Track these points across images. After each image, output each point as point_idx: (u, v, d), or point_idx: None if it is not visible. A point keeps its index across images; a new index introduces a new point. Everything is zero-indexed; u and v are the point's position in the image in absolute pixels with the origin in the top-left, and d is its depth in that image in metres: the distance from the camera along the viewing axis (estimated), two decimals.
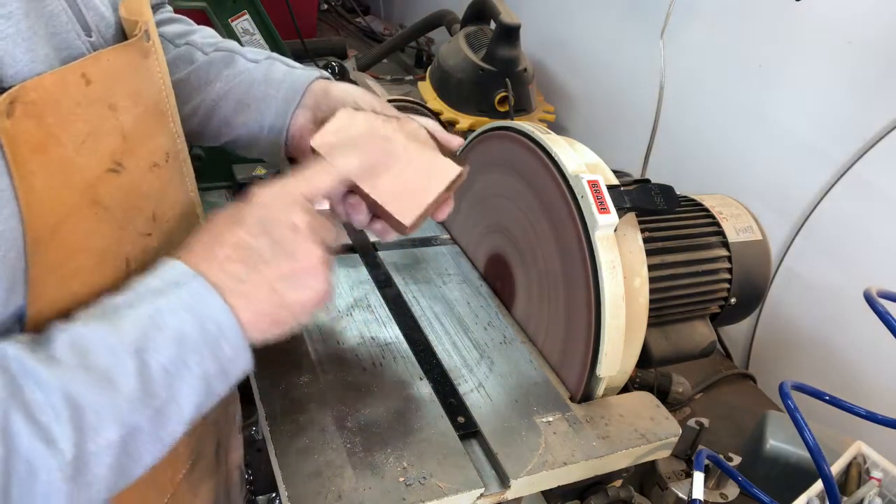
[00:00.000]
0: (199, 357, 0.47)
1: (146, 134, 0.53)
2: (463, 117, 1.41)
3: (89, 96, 0.46)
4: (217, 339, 0.48)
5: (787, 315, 1.21)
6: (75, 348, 0.43)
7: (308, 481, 0.59)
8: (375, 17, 2.43)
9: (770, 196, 1.19)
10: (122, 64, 0.50)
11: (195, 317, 0.47)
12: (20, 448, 0.39)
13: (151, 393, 0.45)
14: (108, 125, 0.48)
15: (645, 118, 1.22)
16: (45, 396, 0.41)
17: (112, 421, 0.43)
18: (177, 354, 0.46)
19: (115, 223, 0.50)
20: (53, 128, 0.44)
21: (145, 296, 0.47)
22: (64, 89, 0.44)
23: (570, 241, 0.73)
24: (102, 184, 0.48)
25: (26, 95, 0.42)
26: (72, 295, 0.47)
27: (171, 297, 0.47)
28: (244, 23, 1.49)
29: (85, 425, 0.42)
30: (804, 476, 0.79)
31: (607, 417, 0.72)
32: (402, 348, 0.77)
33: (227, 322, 0.48)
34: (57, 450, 0.40)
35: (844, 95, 1.09)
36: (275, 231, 0.52)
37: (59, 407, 0.41)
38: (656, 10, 1.21)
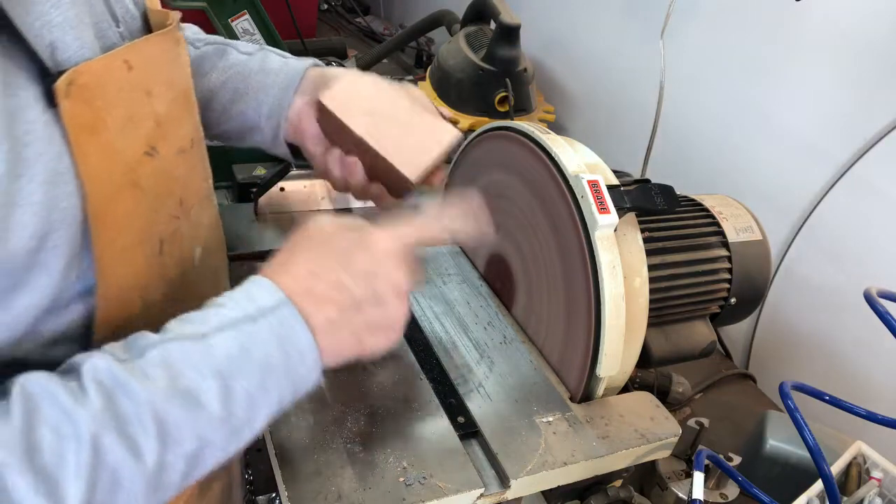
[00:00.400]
0: (279, 384, 0.49)
1: (176, 120, 0.55)
2: (463, 117, 1.41)
3: (130, 82, 0.49)
4: (297, 367, 0.50)
5: (787, 315, 1.21)
6: (167, 367, 0.45)
7: (308, 481, 0.59)
8: (375, 17, 2.43)
9: (770, 196, 1.19)
10: (159, 52, 0.53)
11: (282, 348, 0.49)
12: (108, 458, 0.41)
13: (232, 414, 0.47)
14: (145, 110, 0.51)
15: (645, 118, 1.22)
16: (136, 410, 0.43)
17: (192, 436, 0.45)
18: (260, 382, 0.48)
19: (151, 205, 0.52)
20: (101, 111, 0.46)
21: (239, 322, 0.48)
22: (109, 74, 0.47)
23: (570, 241, 0.73)
24: (140, 167, 0.50)
25: (79, 78, 0.44)
26: (121, 273, 0.50)
27: (261, 325, 0.48)
28: (244, 23, 1.49)
29: (168, 439, 0.44)
30: (804, 476, 0.79)
31: (607, 417, 0.72)
32: (402, 348, 0.77)
33: (310, 354, 0.50)
34: (142, 461, 0.43)
35: (844, 95, 1.09)
36: (378, 286, 0.53)
37: (146, 421, 0.43)
38: (656, 10, 1.21)
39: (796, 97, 1.16)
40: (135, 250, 0.51)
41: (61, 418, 0.41)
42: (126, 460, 0.42)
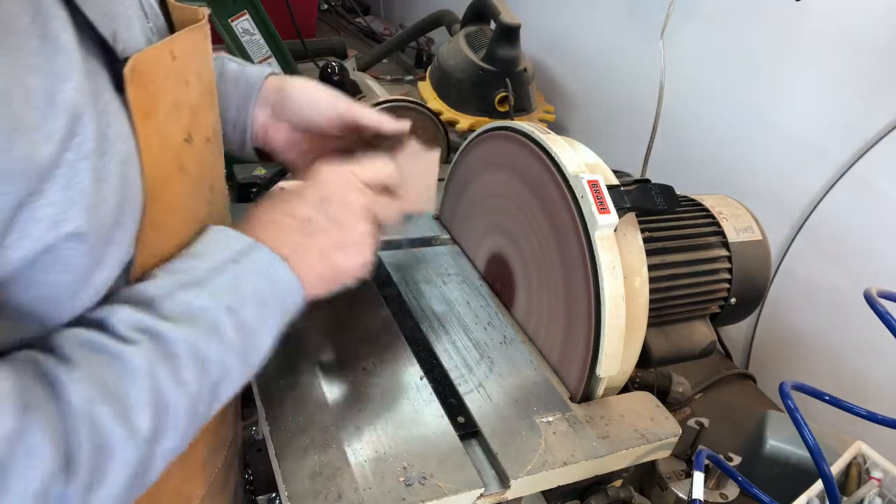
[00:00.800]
0: (273, 313, 0.56)
1: (204, 110, 0.58)
2: (463, 117, 1.41)
3: (175, 71, 0.52)
4: (285, 297, 0.56)
5: (787, 315, 1.21)
6: (185, 312, 0.50)
7: (308, 481, 0.59)
8: (375, 17, 2.43)
9: (770, 196, 1.19)
10: (195, 44, 0.56)
11: (269, 281, 0.55)
12: (162, 389, 0.47)
13: (244, 343, 0.53)
14: (184, 99, 0.54)
15: (645, 118, 1.22)
16: (171, 346, 0.48)
17: (218, 366, 0.51)
18: (260, 313, 0.54)
19: (193, 189, 0.56)
20: (154, 97, 0.50)
21: (225, 264, 0.54)
22: (159, 63, 0.50)
23: (570, 241, 0.73)
24: (183, 152, 0.54)
25: (138, 66, 0.47)
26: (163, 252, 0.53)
27: (244, 265, 0.54)
28: (244, 23, 1.49)
29: (205, 372, 0.50)
30: (804, 476, 0.79)
31: (607, 417, 0.72)
32: (402, 348, 0.77)
33: (294, 284, 0.57)
34: (187, 391, 0.49)
35: (844, 95, 1.09)
36: (331, 206, 0.61)
37: (186, 359, 0.49)
38: (656, 10, 1.21)
39: (796, 97, 1.16)
40: (182, 232, 0.55)
41: (119, 360, 0.46)
42: (175, 393, 0.48)
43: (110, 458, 0.44)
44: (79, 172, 0.42)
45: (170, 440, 0.49)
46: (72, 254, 0.44)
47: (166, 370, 0.48)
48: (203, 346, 0.50)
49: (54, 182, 0.41)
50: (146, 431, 0.46)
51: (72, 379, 0.43)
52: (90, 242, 0.44)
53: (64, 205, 0.42)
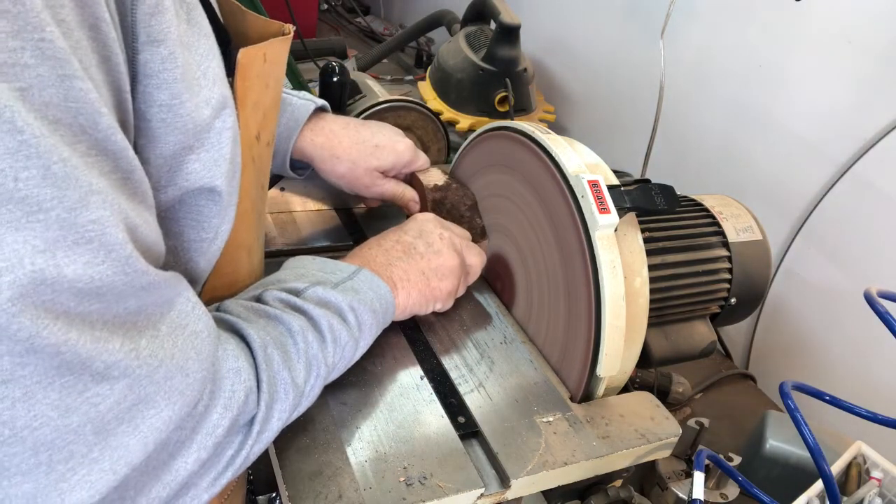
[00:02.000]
0: (376, 316, 0.67)
1: (273, 115, 0.64)
2: (463, 117, 1.41)
3: (263, 72, 0.58)
4: (387, 308, 0.69)
5: (787, 315, 1.21)
6: (321, 301, 0.61)
7: (308, 481, 0.59)
8: (375, 17, 2.43)
9: (770, 196, 1.19)
10: (281, 53, 0.62)
11: (378, 296, 0.67)
12: (312, 354, 0.58)
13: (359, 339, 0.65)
14: (263, 99, 0.60)
15: (645, 118, 1.22)
16: (321, 325, 0.59)
17: (343, 349, 0.62)
18: (372, 318, 0.66)
19: (258, 181, 0.63)
20: (245, 91, 0.56)
21: (344, 280, 0.65)
22: (253, 62, 0.56)
23: (570, 241, 0.73)
24: (253, 146, 0.60)
25: (242, 58, 0.54)
26: (237, 234, 0.58)
27: (357, 281, 0.66)
28: None
29: (337, 349, 0.61)
30: (804, 476, 0.79)
31: (607, 417, 0.72)
32: (402, 348, 0.77)
33: (390, 298, 0.69)
34: (326, 361, 0.60)
35: (844, 95, 1.09)
36: (428, 237, 0.76)
37: (327, 333, 0.60)
38: (656, 10, 1.21)
39: (796, 97, 1.16)
40: (249, 215, 0.62)
41: (281, 323, 0.57)
42: (319, 359, 0.58)
43: (277, 400, 0.54)
44: (223, 140, 0.49)
45: (306, 401, 0.59)
46: (203, 211, 0.51)
47: (314, 337, 0.58)
48: (338, 328, 0.60)
49: (206, 143, 0.48)
50: (301, 384, 0.56)
51: (250, 325, 0.54)
52: (221, 205, 0.52)
53: (209, 163, 0.48)
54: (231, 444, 0.50)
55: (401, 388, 0.72)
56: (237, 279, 0.64)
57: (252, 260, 0.66)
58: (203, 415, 0.46)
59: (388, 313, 0.69)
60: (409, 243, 0.74)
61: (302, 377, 0.56)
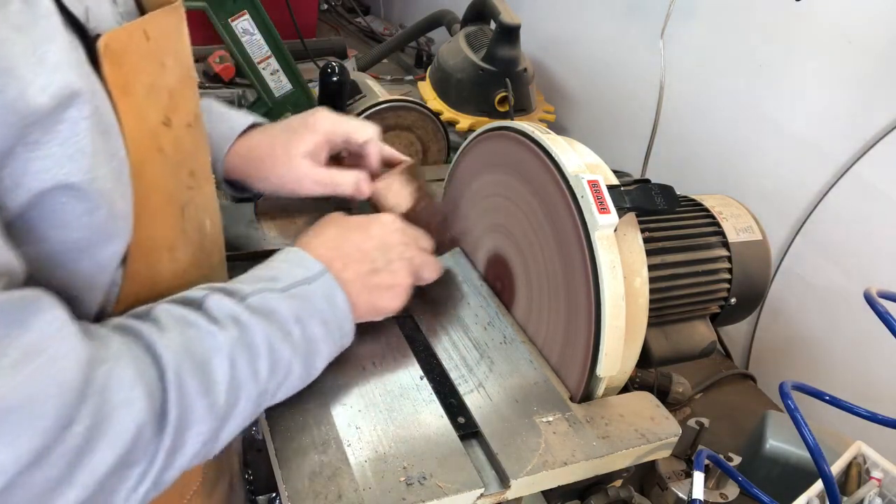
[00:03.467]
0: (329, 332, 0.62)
1: (183, 94, 0.58)
2: (463, 117, 1.41)
3: (149, 52, 0.52)
4: (342, 323, 0.64)
5: (787, 315, 1.21)
6: (267, 310, 0.57)
7: (308, 481, 0.59)
8: (375, 17, 2.43)
9: (770, 196, 1.19)
10: (170, 26, 0.56)
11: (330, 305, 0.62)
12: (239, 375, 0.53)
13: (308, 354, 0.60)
14: (161, 81, 0.54)
15: (645, 118, 1.22)
16: (253, 337, 0.54)
17: (285, 367, 0.57)
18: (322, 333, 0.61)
19: (172, 172, 0.57)
20: (128, 77, 0.50)
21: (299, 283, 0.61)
22: (132, 43, 0.51)
23: (570, 241, 0.73)
24: (161, 134, 0.55)
25: (112, 43, 0.48)
26: (154, 232, 0.55)
27: (314, 287, 0.61)
28: (244, 23, 1.49)
29: (275, 369, 0.56)
30: (804, 476, 0.79)
31: (607, 417, 0.72)
32: (401, 348, 0.77)
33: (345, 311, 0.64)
34: (259, 383, 0.55)
35: (844, 95, 1.09)
36: (389, 252, 0.70)
37: (263, 350, 0.55)
38: (656, 10, 1.21)
39: (796, 97, 1.16)
40: (164, 210, 0.57)
41: (208, 338, 0.52)
42: (249, 380, 0.53)
43: (191, 426, 0.49)
44: (79, 132, 0.44)
45: (234, 423, 0.54)
46: (66, 209, 0.45)
47: (246, 358, 0.53)
48: (278, 346, 0.56)
49: (54, 135, 0.42)
50: (221, 407, 0.51)
51: (164, 343, 0.49)
52: (90, 202, 0.46)
53: (62, 159, 0.43)
54: (125, 478, 0.45)
55: (401, 388, 0.72)
56: (157, 282, 0.57)
57: (176, 259, 0.59)
58: (81, 451, 0.42)
59: (343, 327, 0.64)
60: (369, 254, 0.68)
61: (222, 401, 0.51)
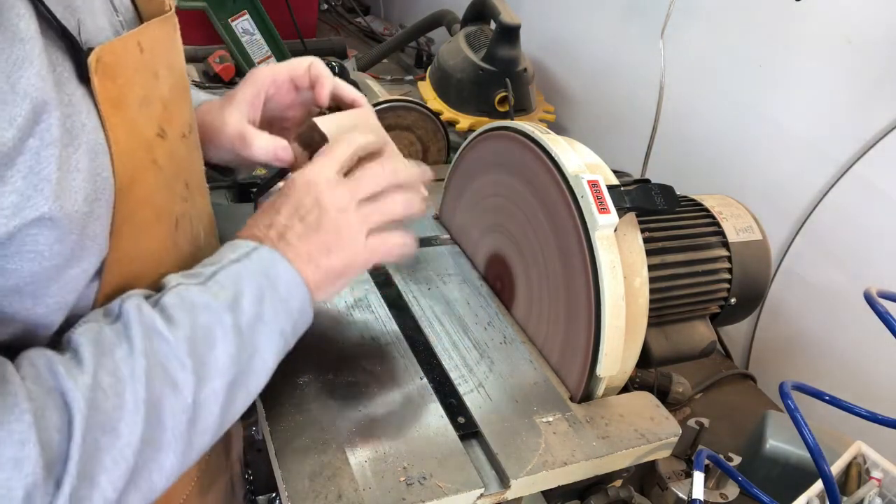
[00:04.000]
0: (275, 313, 0.55)
1: (178, 104, 0.57)
2: (463, 117, 1.41)
3: (143, 63, 0.51)
4: (288, 299, 0.56)
5: (787, 315, 1.21)
6: (185, 309, 0.51)
7: (308, 481, 0.59)
8: (375, 17, 2.43)
9: (770, 196, 1.19)
10: (163, 36, 0.55)
11: (269, 279, 0.55)
12: (155, 394, 0.47)
13: (241, 347, 0.52)
14: (155, 92, 0.53)
15: (645, 118, 1.22)
16: (171, 349, 0.48)
17: (216, 372, 0.51)
18: (258, 313, 0.54)
19: (167, 184, 0.56)
20: (123, 88, 0.49)
21: (227, 265, 0.55)
22: (126, 55, 0.50)
23: (570, 241, 0.73)
24: (156, 146, 0.53)
25: (104, 56, 0.47)
26: (139, 246, 0.53)
27: (245, 264, 0.55)
28: (244, 23, 1.49)
29: (201, 375, 0.49)
30: (804, 476, 0.79)
31: (607, 417, 0.72)
32: (402, 348, 0.77)
33: (294, 282, 0.56)
34: (182, 397, 0.48)
35: (844, 95, 1.09)
36: (305, 212, 0.60)
37: (183, 358, 0.49)
38: (656, 10, 1.21)
39: (796, 97, 1.16)
40: (153, 226, 0.55)
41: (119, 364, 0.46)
42: (169, 397, 0.48)
43: (102, 470, 0.44)
44: (42, 160, 0.42)
45: (169, 451, 0.48)
46: (38, 240, 0.43)
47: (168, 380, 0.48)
48: (198, 349, 0.50)
49: (17, 169, 0.40)
50: (136, 441, 0.46)
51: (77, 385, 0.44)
52: (60, 230, 0.44)
53: (27, 192, 0.41)
54: None
55: (401, 388, 0.72)
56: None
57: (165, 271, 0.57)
58: None
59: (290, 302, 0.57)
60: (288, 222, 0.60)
61: (137, 436, 0.46)
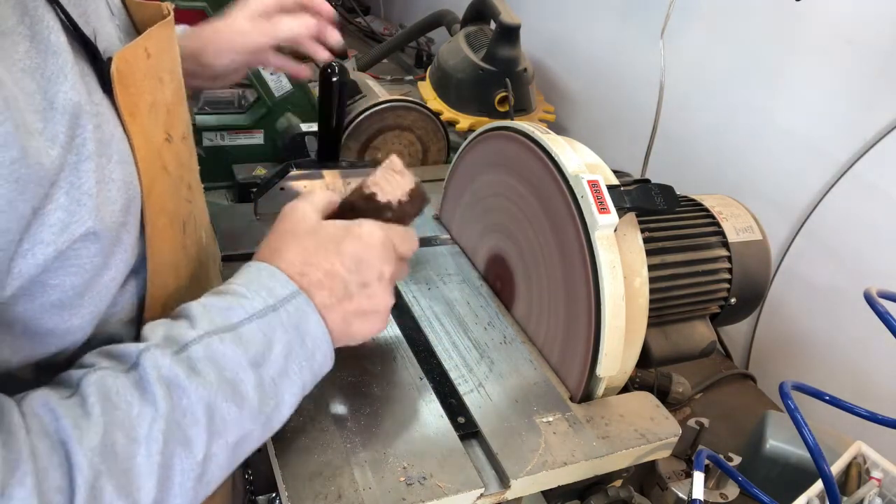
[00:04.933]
0: (300, 369, 0.53)
1: (178, 107, 0.57)
2: (463, 117, 1.41)
3: (150, 69, 0.51)
4: (314, 353, 0.54)
5: (787, 315, 1.21)
6: (213, 362, 0.48)
7: (308, 481, 0.59)
8: (375, 17, 2.43)
9: (770, 196, 1.19)
10: (165, 41, 0.54)
11: (300, 334, 0.52)
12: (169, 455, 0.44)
13: (265, 403, 0.50)
14: (160, 97, 0.52)
15: (645, 118, 1.22)
16: (190, 404, 0.46)
17: (235, 428, 0.48)
18: (284, 368, 0.51)
19: (174, 189, 0.55)
20: (135, 97, 0.48)
21: (262, 313, 0.51)
22: (136, 62, 0.49)
23: (570, 241, 0.73)
24: (164, 151, 0.52)
25: (120, 65, 0.46)
26: (162, 252, 0.52)
27: (281, 314, 0.52)
28: None
29: (215, 432, 0.47)
30: (804, 476, 0.79)
31: (607, 417, 0.72)
32: (402, 348, 0.77)
33: (322, 338, 0.54)
34: (193, 455, 0.46)
35: (844, 95, 1.09)
36: (366, 273, 0.57)
37: (199, 414, 0.46)
38: (656, 10, 1.21)
39: (796, 97, 1.16)
40: (168, 230, 0.54)
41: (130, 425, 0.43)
42: (181, 455, 0.45)
43: None
44: (82, 174, 0.42)
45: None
46: (83, 254, 0.43)
47: (182, 437, 0.45)
48: (219, 405, 0.47)
49: (60, 185, 0.40)
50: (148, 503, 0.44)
51: (83, 446, 0.41)
52: (102, 242, 0.44)
53: (71, 207, 0.41)
54: None
55: (401, 388, 0.72)
56: (168, 305, 0.54)
57: (180, 276, 0.57)
58: None
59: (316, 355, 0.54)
60: (342, 279, 0.56)
61: (150, 499, 0.43)
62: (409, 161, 1.28)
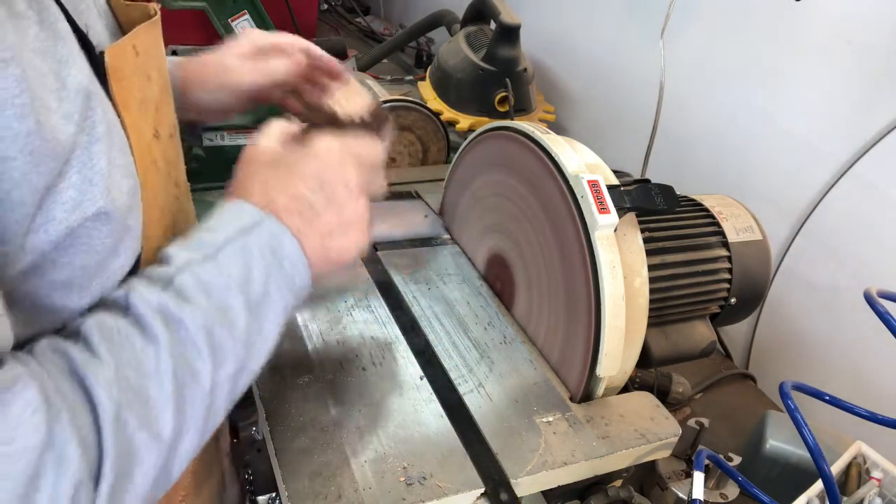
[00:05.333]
0: (280, 291, 0.53)
1: (165, 105, 0.57)
2: (463, 117, 1.41)
3: (138, 66, 0.52)
4: (293, 276, 0.54)
5: (787, 315, 1.21)
6: (201, 289, 0.48)
7: (308, 481, 0.59)
8: (375, 17, 2.43)
9: (770, 196, 1.19)
10: (153, 39, 0.55)
11: (277, 258, 0.53)
12: (184, 391, 0.46)
13: (251, 326, 0.51)
14: (148, 94, 0.53)
15: (645, 118, 1.22)
16: (189, 336, 0.47)
17: (231, 356, 0.49)
18: (265, 290, 0.51)
19: (164, 185, 0.56)
20: (126, 92, 0.49)
21: (235, 238, 0.51)
22: (125, 58, 0.50)
23: (570, 241, 0.73)
24: (153, 146, 0.53)
25: (112, 60, 0.47)
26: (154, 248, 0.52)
27: (253, 238, 0.52)
28: (244, 23, 1.49)
29: (216, 361, 0.48)
30: (804, 476, 0.79)
31: (607, 417, 0.72)
32: (402, 348, 0.77)
33: (298, 258, 0.54)
34: (200, 384, 0.47)
35: (844, 95, 1.09)
36: (330, 189, 0.57)
37: (200, 344, 0.47)
38: (656, 10, 1.21)
39: (796, 97, 1.16)
40: (159, 223, 0.55)
41: (141, 360, 0.45)
42: (191, 386, 0.46)
43: (136, 465, 0.43)
44: (93, 155, 0.43)
45: (189, 440, 0.47)
46: (94, 235, 0.44)
47: (188, 369, 0.46)
48: (216, 333, 0.48)
49: (72, 164, 0.42)
50: (169, 434, 0.45)
51: (99, 382, 0.42)
52: (112, 223, 0.45)
53: (83, 187, 0.42)
54: None
55: (401, 388, 0.72)
56: None
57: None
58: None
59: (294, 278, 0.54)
60: (307, 200, 0.56)
61: (170, 428, 0.45)
62: (409, 161, 1.29)
